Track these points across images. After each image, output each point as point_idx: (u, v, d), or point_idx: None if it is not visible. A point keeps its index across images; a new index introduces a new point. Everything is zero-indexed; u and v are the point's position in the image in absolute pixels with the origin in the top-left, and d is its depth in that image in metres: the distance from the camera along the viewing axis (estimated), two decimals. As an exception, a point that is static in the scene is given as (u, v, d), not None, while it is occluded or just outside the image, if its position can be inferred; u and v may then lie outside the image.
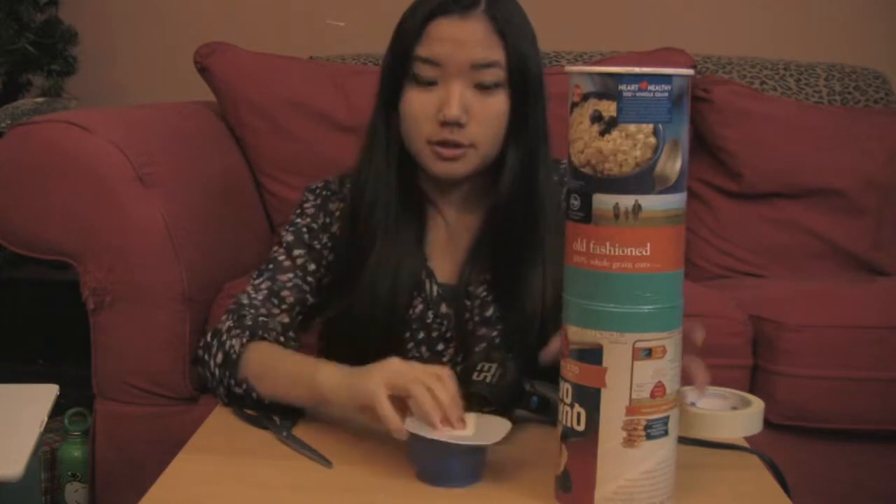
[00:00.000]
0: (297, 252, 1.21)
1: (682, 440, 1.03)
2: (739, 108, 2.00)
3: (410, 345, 1.18)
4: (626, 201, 0.79)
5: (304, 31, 2.43)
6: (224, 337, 1.11)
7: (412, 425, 0.90)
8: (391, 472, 0.92)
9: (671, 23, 2.44)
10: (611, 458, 0.82)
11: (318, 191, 1.26)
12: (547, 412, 1.04)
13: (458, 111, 1.10)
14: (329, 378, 1.00)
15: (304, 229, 1.23)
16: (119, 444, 1.49)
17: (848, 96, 2.18)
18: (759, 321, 1.53)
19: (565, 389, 0.84)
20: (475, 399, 0.98)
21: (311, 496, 0.89)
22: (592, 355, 0.81)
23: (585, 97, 0.80)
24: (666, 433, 0.83)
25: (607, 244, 0.80)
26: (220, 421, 1.07)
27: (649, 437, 0.82)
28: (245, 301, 1.17)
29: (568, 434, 0.84)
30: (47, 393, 1.16)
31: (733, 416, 1.08)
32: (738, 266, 1.98)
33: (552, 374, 1.10)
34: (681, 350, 0.84)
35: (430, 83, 1.11)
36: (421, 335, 1.18)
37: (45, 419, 1.10)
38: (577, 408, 0.83)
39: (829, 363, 1.48)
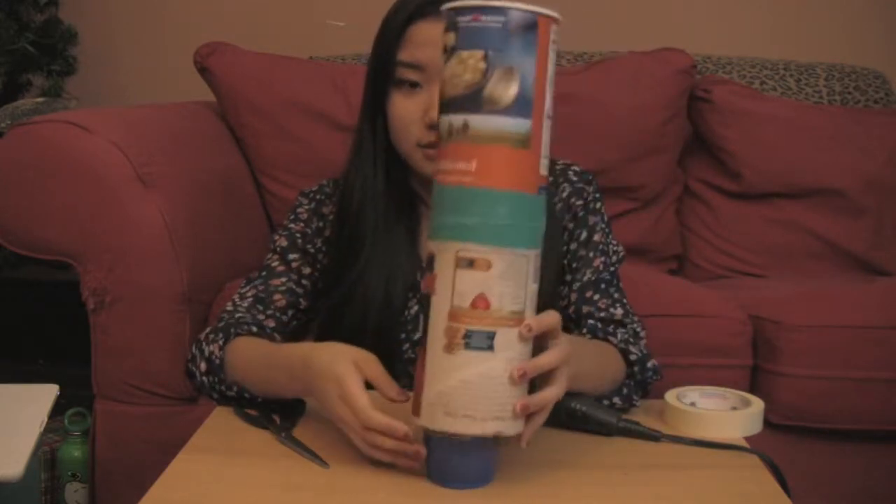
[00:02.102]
0: (291, 256, 1.22)
1: (683, 440, 1.03)
2: (739, 108, 2.00)
3: (406, 346, 1.18)
4: (456, 119, 0.85)
5: (304, 31, 2.44)
6: (203, 345, 1.13)
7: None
8: (391, 472, 0.92)
9: (671, 23, 2.44)
10: (434, 362, 0.86)
11: (311, 195, 1.26)
12: (554, 415, 1.04)
13: None
14: (303, 375, 0.99)
15: (298, 234, 1.23)
16: (119, 444, 1.49)
17: (848, 96, 2.18)
18: (759, 321, 1.53)
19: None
20: None
21: (311, 496, 0.89)
22: (430, 263, 0.87)
23: (445, 31, 0.87)
24: (489, 348, 0.84)
25: (443, 159, 0.86)
26: (220, 421, 1.07)
27: (468, 346, 0.84)
28: (229, 308, 1.18)
29: (418, 341, 0.87)
30: (47, 393, 1.16)
31: (733, 416, 1.08)
32: (738, 266, 1.99)
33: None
34: (525, 277, 0.86)
35: (413, 86, 1.12)
36: (416, 336, 1.18)
37: (45, 419, 1.10)
38: (422, 315, 0.86)
39: (830, 363, 1.48)
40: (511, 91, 0.83)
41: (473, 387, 0.84)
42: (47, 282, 2.05)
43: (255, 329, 1.14)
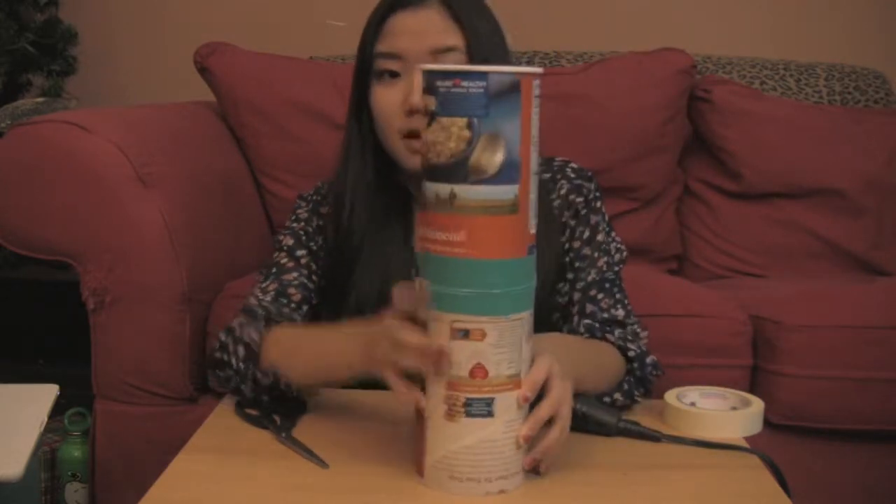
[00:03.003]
0: (299, 253, 1.22)
1: (683, 440, 1.03)
2: (739, 108, 2.00)
3: None
4: (442, 189, 0.83)
5: (304, 31, 2.44)
6: (238, 332, 1.11)
7: None
8: (391, 473, 0.92)
9: (671, 23, 2.44)
10: (435, 428, 0.87)
11: (308, 197, 1.28)
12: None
13: (421, 98, 1.10)
14: (345, 354, 0.99)
15: (301, 232, 1.24)
16: (119, 444, 1.49)
17: (848, 96, 2.18)
18: (759, 321, 1.53)
19: None
20: None
21: (311, 497, 0.89)
22: (425, 329, 0.87)
23: (425, 92, 0.85)
24: (489, 414, 0.85)
25: (430, 228, 0.85)
26: (220, 421, 1.07)
27: (469, 414, 0.85)
28: (253, 302, 1.17)
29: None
30: (47, 393, 1.16)
31: (733, 416, 1.08)
32: (738, 266, 1.99)
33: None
34: (519, 340, 0.86)
35: (393, 76, 1.13)
36: None
37: (45, 419, 1.10)
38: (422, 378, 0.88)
39: (830, 363, 1.48)
40: (497, 159, 0.82)
41: (476, 452, 0.86)
42: (47, 282, 2.05)
43: (296, 318, 1.15)
